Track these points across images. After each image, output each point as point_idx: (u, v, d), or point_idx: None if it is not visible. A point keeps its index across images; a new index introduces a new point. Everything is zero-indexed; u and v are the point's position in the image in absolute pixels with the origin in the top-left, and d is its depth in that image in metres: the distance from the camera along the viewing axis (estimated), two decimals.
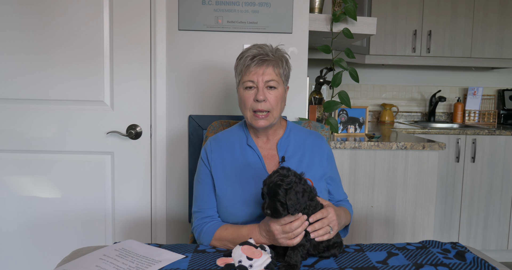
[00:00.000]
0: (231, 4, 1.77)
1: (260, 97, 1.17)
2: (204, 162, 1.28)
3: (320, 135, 1.34)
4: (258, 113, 1.19)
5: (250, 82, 1.19)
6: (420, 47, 3.16)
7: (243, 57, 1.21)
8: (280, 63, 1.22)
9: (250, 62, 1.18)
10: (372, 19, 1.91)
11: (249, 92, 1.20)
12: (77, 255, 1.09)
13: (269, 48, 1.22)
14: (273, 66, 1.20)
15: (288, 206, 0.97)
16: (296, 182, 0.99)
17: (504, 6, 3.16)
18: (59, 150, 1.83)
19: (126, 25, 1.78)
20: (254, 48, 1.21)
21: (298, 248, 1.01)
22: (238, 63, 1.23)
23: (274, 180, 0.99)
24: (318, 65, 2.99)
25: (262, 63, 1.18)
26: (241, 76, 1.22)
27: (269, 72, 1.19)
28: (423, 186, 1.97)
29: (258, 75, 1.18)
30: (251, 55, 1.19)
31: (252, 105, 1.20)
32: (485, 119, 3.51)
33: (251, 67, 1.18)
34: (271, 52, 1.21)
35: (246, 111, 1.22)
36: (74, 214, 1.86)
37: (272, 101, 1.20)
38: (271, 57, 1.19)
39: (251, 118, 1.22)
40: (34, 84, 1.80)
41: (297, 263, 0.99)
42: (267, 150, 1.28)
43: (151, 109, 1.83)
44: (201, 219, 1.24)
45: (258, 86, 1.19)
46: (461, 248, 1.13)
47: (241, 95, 1.23)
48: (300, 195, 0.98)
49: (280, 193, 0.97)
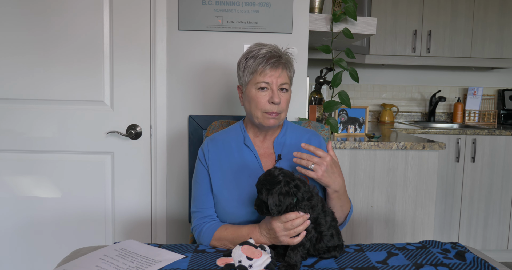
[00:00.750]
0: (231, 4, 1.77)
1: (276, 100, 1.18)
2: (201, 162, 1.29)
3: (316, 133, 1.34)
4: (270, 113, 1.20)
5: (264, 84, 1.19)
6: (420, 47, 3.16)
7: (257, 57, 1.19)
8: (290, 66, 1.24)
9: (266, 64, 1.18)
10: (372, 19, 1.91)
11: (262, 93, 1.20)
12: (77, 255, 1.09)
13: (277, 48, 1.23)
14: (287, 69, 1.22)
15: (269, 205, 0.98)
16: (283, 183, 0.99)
17: (504, 6, 3.16)
18: (59, 150, 1.83)
19: (126, 25, 1.78)
20: (266, 47, 1.20)
21: (298, 247, 1.01)
22: (249, 62, 1.21)
23: (261, 179, 1.01)
24: (318, 65, 2.99)
25: (278, 65, 1.19)
26: (253, 76, 1.21)
27: (284, 75, 1.20)
28: (423, 186, 1.97)
29: (274, 78, 1.19)
30: (266, 56, 1.18)
31: (265, 106, 1.20)
32: (485, 119, 3.51)
33: (267, 68, 1.18)
34: (282, 54, 1.22)
35: (257, 112, 1.21)
36: (74, 214, 1.86)
37: (283, 104, 1.21)
38: (283, 59, 1.20)
39: (262, 118, 1.21)
40: (35, 84, 1.80)
41: (297, 263, 0.99)
42: (264, 149, 1.28)
43: (151, 109, 1.83)
44: (200, 219, 1.24)
45: (273, 89, 1.19)
46: (461, 248, 1.13)
47: (253, 96, 1.21)
48: (282, 197, 0.98)
49: (263, 193, 0.99)
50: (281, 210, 0.99)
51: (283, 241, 1.03)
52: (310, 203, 1.03)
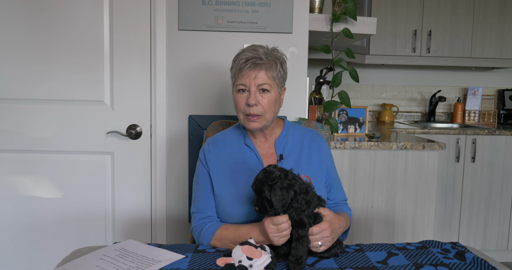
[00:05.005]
0: (231, 4, 1.77)
1: (251, 102, 1.18)
2: (202, 163, 1.29)
3: (318, 133, 1.34)
4: (250, 116, 1.20)
5: (242, 86, 1.20)
6: (420, 47, 3.16)
7: (237, 60, 1.21)
8: (274, 65, 1.21)
9: (244, 65, 1.18)
10: (372, 19, 1.91)
11: (242, 95, 1.21)
12: (77, 255, 1.09)
13: (264, 49, 1.21)
14: (265, 69, 1.19)
15: (273, 202, 0.98)
16: (281, 177, 1.00)
17: (504, 6, 3.15)
18: (59, 150, 1.83)
19: (126, 25, 1.78)
20: (249, 50, 1.20)
21: (302, 238, 1.02)
22: (234, 64, 1.24)
23: (259, 177, 1.01)
24: (318, 65, 2.99)
25: (254, 66, 1.18)
26: (234, 78, 1.23)
27: (261, 76, 1.18)
28: (423, 186, 1.97)
29: (250, 79, 1.18)
30: (244, 58, 1.18)
31: (245, 108, 1.20)
32: (485, 119, 3.51)
33: (243, 70, 1.18)
34: (265, 55, 1.19)
35: (239, 113, 1.24)
36: (74, 214, 1.86)
37: (264, 105, 1.19)
38: (264, 60, 1.18)
39: (244, 120, 1.23)
40: (35, 84, 1.80)
41: (303, 254, 1.01)
42: (265, 149, 1.28)
43: (151, 109, 1.83)
44: (200, 219, 1.24)
45: (250, 90, 1.19)
46: (461, 248, 1.13)
47: (234, 98, 1.24)
48: (284, 190, 0.99)
49: (265, 190, 0.99)
50: (286, 204, 1.00)
51: (274, 242, 1.04)
52: (306, 196, 1.04)
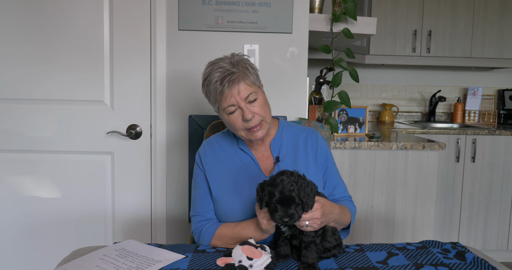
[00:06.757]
0: (231, 4, 1.77)
1: (248, 116, 1.14)
2: (198, 165, 1.28)
3: (313, 130, 1.31)
4: (252, 128, 1.16)
5: (231, 107, 1.15)
6: (420, 47, 3.16)
7: (210, 84, 1.15)
8: (247, 71, 1.16)
9: (222, 88, 1.13)
10: (372, 19, 1.91)
11: (234, 115, 1.16)
12: (77, 255, 1.09)
13: (227, 60, 1.16)
14: (243, 80, 1.14)
15: (304, 203, 0.97)
16: (301, 177, 1.00)
17: (504, 6, 3.16)
18: (59, 150, 1.83)
19: (126, 25, 1.78)
20: (215, 70, 1.15)
21: (310, 245, 1.02)
22: (208, 90, 1.18)
23: (287, 188, 0.97)
24: (318, 65, 2.99)
25: (232, 83, 1.13)
26: (218, 103, 1.18)
27: (243, 88, 1.14)
28: (423, 186, 1.97)
29: (235, 96, 1.13)
30: (218, 80, 1.13)
31: (244, 125, 1.16)
32: (485, 119, 3.51)
33: (224, 92, 1.13)
34: (233, 66, 1.14)
35: (239, 132, 1.19)
36: (74, 214, 1.86)
37: (259, 112, 1.16)
38: (236, 72, 1.13)
39: (247, 135, 1.18)
40: (35, 84, 1.80)
41: (314, 260, 1.00)
42: (261, 151, 1.27)
43: (151, 109, 1.83)
44: (199, 222, 1.25)
45: (240, 106, 1.14)
46: (461, 248, 1.13)
47: (228, 121, 1.19)
48: (309, 189, 0.99)
49: (295, 197, 0.96)
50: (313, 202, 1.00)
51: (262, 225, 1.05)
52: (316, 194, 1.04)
